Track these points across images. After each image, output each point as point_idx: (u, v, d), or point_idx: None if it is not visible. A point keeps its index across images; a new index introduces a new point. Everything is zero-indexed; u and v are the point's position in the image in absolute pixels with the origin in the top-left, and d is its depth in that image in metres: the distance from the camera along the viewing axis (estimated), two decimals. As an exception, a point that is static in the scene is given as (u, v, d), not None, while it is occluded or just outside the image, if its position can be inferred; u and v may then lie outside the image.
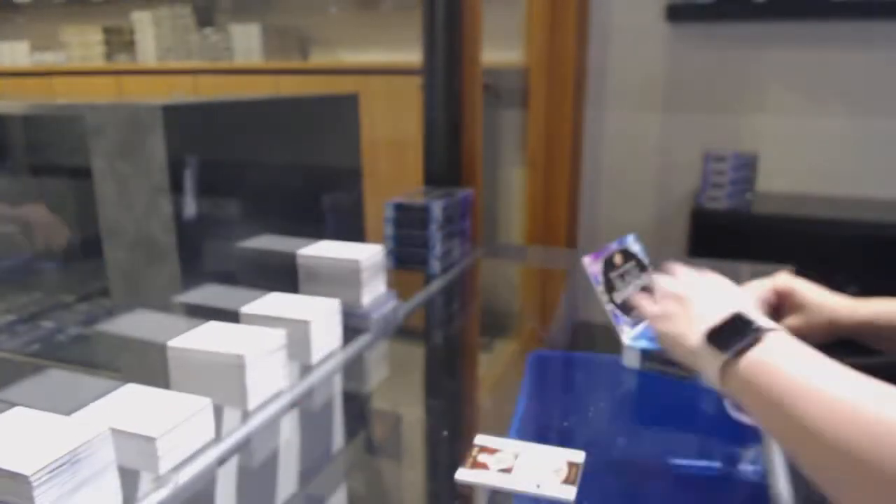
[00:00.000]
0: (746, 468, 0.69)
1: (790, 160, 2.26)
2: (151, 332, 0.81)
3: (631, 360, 0.83)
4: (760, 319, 0.60)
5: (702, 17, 2.20)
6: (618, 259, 0.89)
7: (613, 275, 0.87)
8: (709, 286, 0.71)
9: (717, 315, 0.62)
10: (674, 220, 2.40)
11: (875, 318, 0.75)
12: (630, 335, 0.85)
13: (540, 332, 1.13)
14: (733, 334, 0.59)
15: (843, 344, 0.78)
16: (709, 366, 0.61)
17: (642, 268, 0.92)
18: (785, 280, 0.80)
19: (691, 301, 0.69)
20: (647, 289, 0.91)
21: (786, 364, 0.54)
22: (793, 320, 0.78)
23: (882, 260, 1.94)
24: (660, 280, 0.76)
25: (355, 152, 1.22)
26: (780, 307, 0.82)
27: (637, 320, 0.87)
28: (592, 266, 0.85)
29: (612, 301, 0.85)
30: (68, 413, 0.59)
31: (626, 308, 0.87)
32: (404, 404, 0.88)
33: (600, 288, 0.85)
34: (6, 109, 1.03)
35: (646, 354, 0.82)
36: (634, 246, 0.93)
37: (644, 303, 0.75)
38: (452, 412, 0.83)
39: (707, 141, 2.28)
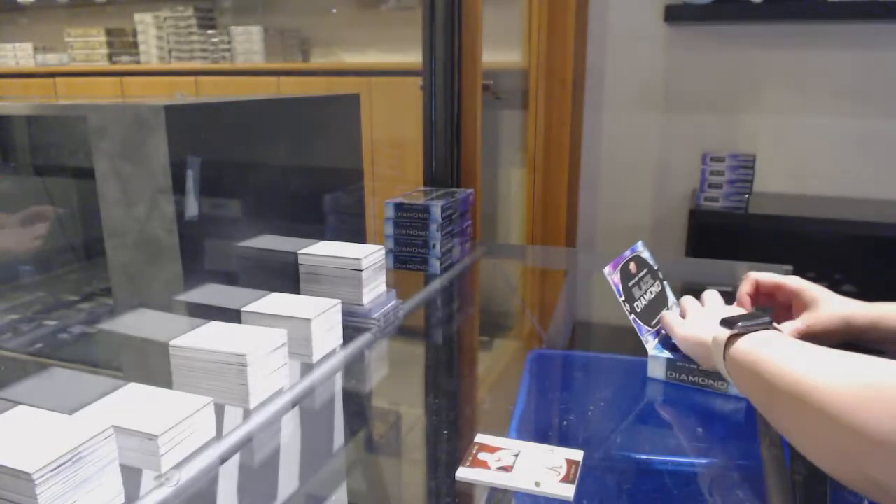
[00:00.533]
0: (744, 465, 0.69)
1: (788, 161, 2.26)
2: (154, 332, 0.81)
3: (656, 371, 0.84)
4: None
5: (700, 18, 2.20)
6: (633, 267, 0.90)
7: (631, 284, 0.88)
8: (731, 307, 0.82)
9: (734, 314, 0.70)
10: (672, 221, 2.41)
11: (880, 320, 0.76)
12: (653, 345, 0.85)
13: (540, 332, 1.13)
14: (743, 320, 0.67)
15: (843, 345, 0.79)
16: (717, 351, 0.68)
17: (654, 275, 0.93)
18: (794, 280, 0.84)
19: (712, 311, 0.80)
20: (661, 296, 0.92)
21: (771, 350, 0.60)
22: (807, 318, 0.80)
23: (879, 260, 1.95)
24: (687, 299, 0.86)
25: (356, 152, 1.23)
26: (789, 307, 0.84)
27: (658, 330, 0.87)
28: (613, 276, 0.86)
29: (633, 311, 0.86)
30: (71, 411, 0.60)
31: (647, 317, 0.87)
32: (404, 403, 0.88)
33: (622, 299, 0.86)
34: (9, 110, 1.04)
35: (670, 364, 0.83)
36: (644, 252, 0.94)
37: (669, 316, 0.84)
38: (452, 411, 0.84)
39: (705, 141, 2.28)
